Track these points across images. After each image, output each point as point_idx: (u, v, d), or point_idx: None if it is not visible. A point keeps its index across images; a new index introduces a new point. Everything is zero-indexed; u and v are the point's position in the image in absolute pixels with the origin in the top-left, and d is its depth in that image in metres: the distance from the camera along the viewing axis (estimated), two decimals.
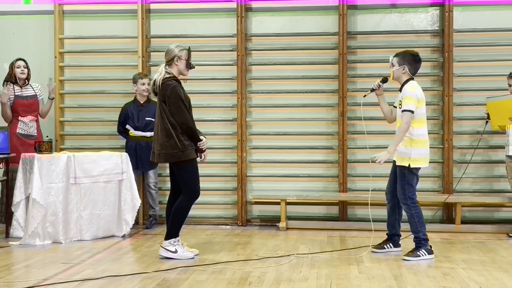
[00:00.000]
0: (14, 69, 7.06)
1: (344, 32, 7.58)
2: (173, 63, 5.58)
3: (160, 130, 5.50)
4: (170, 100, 5.44)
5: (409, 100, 5.65)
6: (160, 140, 5.50)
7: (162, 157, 5.54)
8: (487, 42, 7.49)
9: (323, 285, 4.66)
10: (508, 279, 4.83)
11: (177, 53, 5.57)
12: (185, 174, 5.57)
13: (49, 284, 4.67)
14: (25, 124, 7.08)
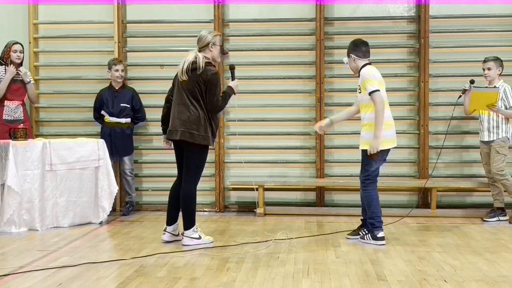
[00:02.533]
0: (10, 52, 6.98)
1: (321, 18, 7.59)
2: (208, 49, 5.54)
3: (192, 109, 5.45)
4: (212, 85, 5.43)
5: (370, 82, 5.68)
6: (191, 117, 5.43)
7: (187, 136, 5.43)
8: (462, 28, 7.55)
9: (300, 270, 4.70)
10: (482, 263, 4.91)
11: (211, 39, 5.53)
12: (198, 159, 5.57)
13: (25, 272, 4.64)
14: (10, 109, 7.02)
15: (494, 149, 6.76)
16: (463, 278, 4.43)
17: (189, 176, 5.59)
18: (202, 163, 5.63)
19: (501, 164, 6.75)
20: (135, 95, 7.51)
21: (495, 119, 6.75)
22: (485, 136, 6.80)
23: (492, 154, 6.77)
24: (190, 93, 5.47)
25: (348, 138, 7.75)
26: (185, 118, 5.45)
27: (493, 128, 6.77)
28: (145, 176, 7.95)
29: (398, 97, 7.67)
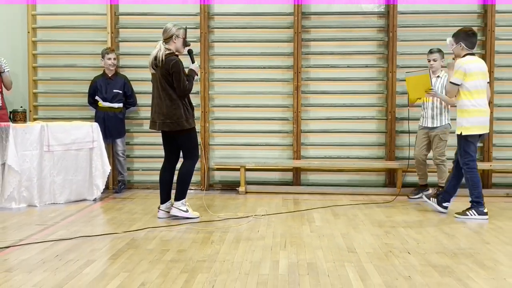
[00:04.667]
0: None
1: (299, 12, 7.57)
2: (171, 41, 5.54)
3: (164, 100, 5.47)
4: (175, 73, 5.42)
5: (457, 73, 5.74)
6: (164, 110, 5.48)
7: (166, 126, 5.51)
8: (427, 24, 7.58)
9: (278, 243, 4.73)
10: (442, 237, 4.97)
11: (174, 32, 5.53)
12: (188, 141, 5.63)
13: (25, 244, 4.62)
14: None
15: (438, 135, 6.80)
16: (425, 250, 4.48)
17: (186, 156, 5.71)
18: (194, 143, 5.70)
19: (443, 150, 6.81)
20: (127, 82, 7.47)
21: (438, 106, 6.76)
22: (429, 122, 6.79)
23: (436, 140, 6.79)
24: (161, 85, 5.50)
25: (322, 124, 7.77)
26: (161, 111, 5.51)
27: (437, 116, 6.77)
28: (136, 157, 7.92)
29: (368, 86, 7.71)
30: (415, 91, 6.61)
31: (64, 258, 4.21)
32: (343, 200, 6.89)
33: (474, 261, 4.18)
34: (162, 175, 5.82)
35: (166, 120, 5.49)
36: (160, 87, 5.49)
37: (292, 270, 3.93)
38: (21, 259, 4.19)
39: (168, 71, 5.43)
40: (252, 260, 4.17)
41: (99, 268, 3.98)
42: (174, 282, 3.65)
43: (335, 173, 7.75)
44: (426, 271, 3.91)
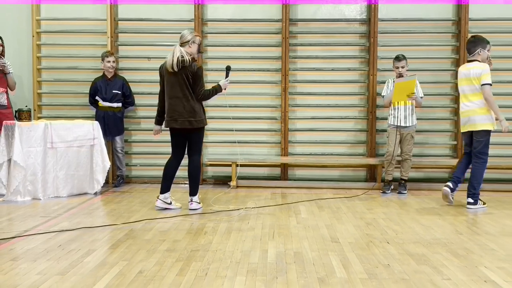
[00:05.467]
0: None
1: (287, 19, 7.57)
2: (187, 46, 5.53)
3: (186, 100, 5.50)
4: (197, 78, 5.51)
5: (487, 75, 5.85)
6: (187, 109, 5.50)
7: (189, 123, 5.53)
8: (405, 30, 7.61)
9: (267, 233, 4.73)
10: (419, 228, 5.00)
11: (191, 38, 5.55)
12: (200, 137, 5.74)
13: (30, 235, 4.60)
14: None
15: (409, 133, 6.90)
16: (403, 240, 4.51)
17: (195, 151, 5.74)
18: (202, 139, 5.82)
19: (412, 146, 6.95)
20: (125, 83, 7.44)
21: (410, 107, 6.88)
22: (402, 122, 6.87)
23: (408, 137, 6.91)
24: (180, 85, 5.50)
25: (308, 123, 7.78)
26: (181, 110, 5.51)
27: (409, 116, 6.89)
28: (134, 153, 7.90)
29: (350, 88, 7.73)
30: (399, 94, 6.74)
31: (66, 248, 4.20)
32: (327, 194, 6.91)
33: (448, 250, 4.21)
34: (169, 169, 5.77)
35: (189, 118, 5.51)
36: (180, 87, 5.50)
37: (279, 259, 3.94)
38: (26, 249, 4.17)
39: (192, 73, 5.48)
40: (243, 250, 4.18)
41: (100, 257, 3.97)
42: (170, 270, 3.65)
43: (320, 168, 7.78)
44: (404, 260, 3.94)
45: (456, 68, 7.53)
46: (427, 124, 7.66)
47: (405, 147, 6.93)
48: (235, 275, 3.54)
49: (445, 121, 7.72)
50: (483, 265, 3.80)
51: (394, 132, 6.92)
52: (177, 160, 5.79)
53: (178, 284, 3.36)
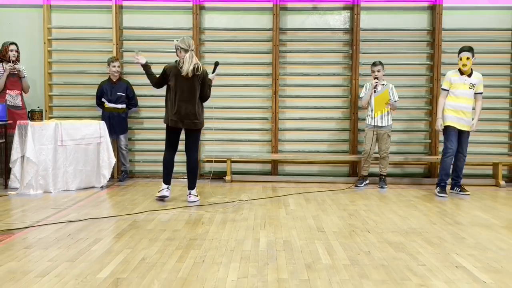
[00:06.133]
0: (7, 51, 6.76)
1: (277, 28, 7.57)
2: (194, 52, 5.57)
3: (194, 104, 5.54)
4: (208, 83, 5.61)
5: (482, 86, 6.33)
6: (193, 111, 5.54)
7: (194, 125, 5.60)
8: (385, 39, 7.63)
9: (259, 223, 4.74)
10: (397, 218, 5.02)
11: (193, 46, 5.58)
12: (199, 136, 5.81)
13: (41, 225, 4.58)
14: (12, 97, 6.83)
15: (386, 133, 6.94)
16: (382, 230, 4.53)
17: (195, 149, 5.75)
18: (200, 138, 5.87)
19: (389, 144, 7.00)
20: (129, 86, 7.42)
21: (386, 109, 6.93)
22: (378, 122, 6.91)
23: (385, 136, 6.94)
24: (192, 90, 5.53)
25: (296, 123, 7.79)
26: (189, 112, 5.54)
27: (385, 116, 6.93)
28: (137, 150, 7.87)
29: (335, 91, 7.74)
30: (379, 105, 6.87)
31: (75, 237, 4.19)
32: (313, 188, 6.93)
33: (423, 238, 4.24)
34: (169, 163, 5.79)
35: (194, 120, 5.56)
36: (189, 91, 5.52)
37: (270, 247, 3.94)
38: (38, 238, 4.15)
39: (203, 80, 5.54)
40: (237, 238, 4.18)
41: (106, 245, 3.96)
42: (170, 257, 3.64)
43: (307, 164, 7.79)
44: (383, 247, 3.95)
45: (431, 74, 7.59)
46: (404, 124, 7.69)
47: (383, 146, 6.96)
48: (230, 262, 3.55)
49: (420, 122, 7.76)
50: (455, 252, 3.83)
51: (371, 131, 6.95)
52: (173, 154, 5.80)
53: (178, 270, 3.36)
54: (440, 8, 7.48)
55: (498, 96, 7.64)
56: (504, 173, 7.52)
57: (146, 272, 3.31)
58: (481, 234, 4.42)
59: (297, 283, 3.14)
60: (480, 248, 3.95)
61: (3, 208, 5.35)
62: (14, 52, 6.81)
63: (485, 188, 7.00)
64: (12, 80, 6.83)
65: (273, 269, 3.40)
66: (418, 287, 3.09)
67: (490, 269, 3.45)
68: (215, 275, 3.27)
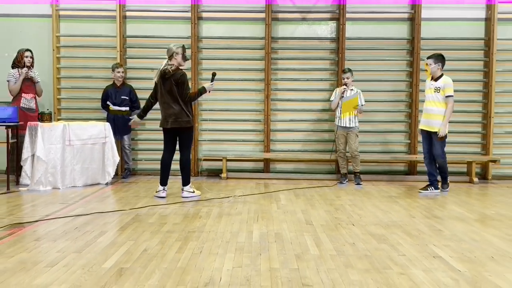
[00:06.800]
0: (23, 57, 6.72)
1: (269, 37, 7.57)
2: (173, 58, 5.51)
3: (174, 104, 5.46)
4: (182, 83, 5.46)
5: (451, 89, 6.00)
6: (175, 112, 5.46)
7: (177, 123, 5.49)
8: (368, 47, 7.65)
9: (252, 217, 4.74)
10: (379, 212, 5.04)
11: (174, 50, 5.51)
12: (190, 136, 5.65)
13: (50, 219, 4.56)
14: (27, 100, 6.79)
15: (354, 133, 6.97)
16: (366, 223, 4.54)
17: (185, 148, 5.67)
18: (192, 137, 5.74)
19: (357, 144, 7.01)
20: (132, 90, 7.39)
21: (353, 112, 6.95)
22: (347, 123, 6.94)
23: (353, 137, 6.96)
24: (169, 93, 5.49)
25: (287, 125, 7.80)
26: (171, 112, 5.49)
27: (353, 118, 6.96)
28: (140, 149, 7.84)
29: (322, 95, 7.74)
30: (347, 108, 6.92)
31: (82, 230, 4.16)
32: (302, 184, 6.93)
33: (403, 231, 4.25)
34: (165, 164, 5.75)
35: (177, 119, 5.48)
36: (169, 94, 5.48)
37: (263, 238, 3.94)
38: (48, 231, 4.13)
39: (176, 81, 5.43)
40: (232, 231, 4.18)
41: (110, 237, 3.94)
42: (170, 248, 3.63)
43: (297, 163, 7.80)
44: (366, 239, 3.96)
45: (410, 79, 7.62)
46: (386, 126, 7.72)
47: (352, 145, 6.96)
48: (225, 252, 3.54)
49: (401, 123, 7.78)
50: (432, 244, 3.85)
51: (340, 133, 7.02)
52: (169, 154, 5.76)
53: (177, 260, 3.35)
54: (419, 19, 7.51)
55: (472, 100, 7.68)
56: (477, 171, 7.56)
57: (148, 262, 3.30)
58: (456, 226, 4.44)
59: (287, 272, 3.14)
60: (456, 240, 3.97)
61: (14, 203, 5.32)
62: (29, 58, 6.78)
63: (460, 185, 7.04)
64: (26, 84, 6.79)
65: (265, 259, 3.40)
66: (398, 275, 3.10)
67: (464, 258, 3.47)
68: (212, 264, 3.27)
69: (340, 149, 7.04)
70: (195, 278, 3.01)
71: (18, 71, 6.73)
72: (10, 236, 3.95)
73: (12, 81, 6.70)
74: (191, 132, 5.68)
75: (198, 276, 3.04)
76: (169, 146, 5.75)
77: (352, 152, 6.98)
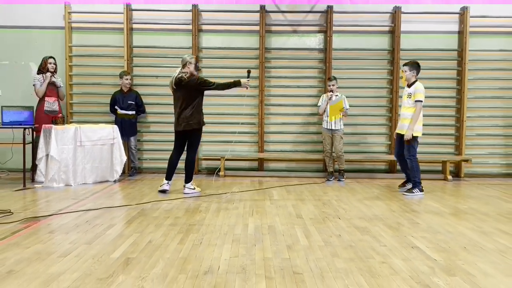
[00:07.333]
0: (47, 64, 6.71)
1: (263, 48, 7.58)
2: (186, 67, 5.50)
3: (187, 108, 5.46)
4: (201, 83, 5.47)
5: (420, 95, 5.73)
6: (187, 114, 5.46)
7: (189, 126, 5.49)
8: (353, 57, 7.66)
9: (247, 211, 4.74)
10: (363, 207, 5.05)
11: (188, 59, 5.51)
12: (198, 138, 5.65)
13: (63, 213, 4.54)
14: (50, 103, 6.78)
15: (339, 135, 6.98)
16: (351, 216, 4.55)
17: (192, 149, 5.66)
18: (199, 139, 5.74)
19: (342, 145, 7.02)
20: (138, 96, 7.37)
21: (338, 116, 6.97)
22: (333, 126, 6.96)
23: (338, 138, 6.98)
24: (183, 97, 5.49)
25: (279, 127, 7.80)
26: (184, 116, 5.50)
27: (338, 121, 6.99)
28: (145, 150, 7.81)
29: (310, 101, 7.75)
30: (334, 112, 6.93)
31: (92, 223, 4.15)
32: (293, 181, 6.94)
33: (384, 223, 4.27)
34: (172, 162, 5.74)
35: (188, 121, 5.48)
36: (182, 99, 5.48)
37: (257, 231, 3.95)
38: (61, 224, 4.11)
39: (193, 85, 5.43)
40: (229, 224, 4.18)
41: (118, 230, 3.93)
42: (173, 240, 3.63)
43: (288, 162, 7.80)
44: (351, 231, 3.98)
45: (391, 86, 7.65)
46: (369, 129, 7.74)
47: (337, 146, 6.98)
48: (223, 243, 3.54)
49: (381, 126, 7.80)
50: (411, 235, 3.86)
51: (326, 134, 7.04)
52: (178, 154, 5.76)
53: (179, 251, 3.35)
54: (399, 32, 7.55)
55: (447, 105, 7.73)
56: (451, 169, 7.60)
57: (152, 253, 3.30)
58: (432, 220, 4.46)
59: (279, 261, 3.14)
60: (432, 232, 3.99)
61: (30, 199, 5.29)
62: (52, 64, 6.79)
63: (435, 182, 7.07)
64: (50, 88, 6.79)
65: (259, 249, 3.40)
66: (380, 264, 3.11)
67: (439, 248, 3.49)
68: (211, 255, 3.27)
69: (327, 149, 7.07)
70: (195, 267, 3.01)
71: (43, 76, 6.73)
72: (26, 229, 3.93)
73: (37, 85, 6.71)
74: (200, 133, 5.67)
75: (198, 265, 3.04)
76: (178, 147, 5.75)
77: (337, 152, 7.00)
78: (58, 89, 6.91)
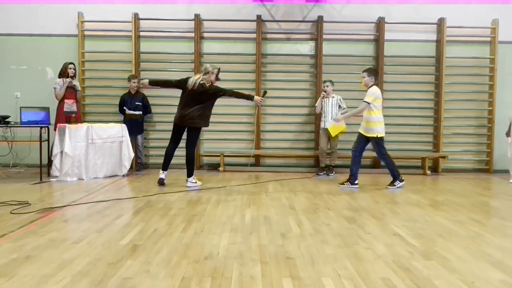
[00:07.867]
0: (67, 69, 6.70)
1: (259, 53, 7.57)
2: (208, 75, 5.50)
3: (197, 108, 5.46)
4: (214, 90, 5.49)
5: (369, 97, 5.60)
6: (194, 114, 5.46)
7: (194, 124, 5.50)
8: (341, 63, 7.66)
9: (245, 203, 4.74)
10: (349, 198, 5.05)
11: (211, 70, 5.52)
12: (196, 135, 5.64)
13: (76, 204, 4.53)
14: (69, 105, 6.78)
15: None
16: (339, 207, 4.56)
17: (192, 146, 5.63)
18: (198, 136, 5.76)
19: (337, 143, 7.04)
20: (144, 97, 7.36)
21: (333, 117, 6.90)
22: (327, 124, 6.95)
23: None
24: (196, 98, 5.48)
25: (274, 126, 7.80)
26: (192, 115, 5.48)
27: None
28: (151, 147, 7.80)
29: (303, 102, 7.76)
30: (334, 131, 6.94)
31: (102, 213, 4.14)
32: (287, 176, 6.94)
33: (369, 214, 4.28)
34: (169, 152, 5.74)
35: (195, 120, 5.48)
36: (195, 99, 5.47)
37: (254, 221, 3.95)
38: (74, 214, 4.11)
39: (209, 92, 5.45)
40: (228, 214, 4.18)
41: (126, 219, 3.93)
42: (176, 229, 3.63)
43: (283, 158, 7.81)
44: (340, 221, 3.99)
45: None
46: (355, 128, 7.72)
47: (332, 143, 7.02)
48: (222, 232, 3.54)
49: None
50: (393, 224, 3.88)
51: (323, 133, 7.02)
52: (173, 146, 5.75)
53: (182, 238, 3.35)
54: (383, 40, 7.56)
55: (426, 107, 7.75)
56: (430, 165, 7.62)
57: (157, 240, 3.30)
58: (412, 210, 4.48)
59: (274, 247, 3.15)
60: (412, 221, 4.01)
61: (46, 191, 5.28)
62: (72, 69, 6.78)
63: (415, 177, 7.09)
64: (69, 91, 6.78)
65: (255, 237, 3.41)
66: (365, 249, 3.12)
67: (418, 236, 3.50)
68: (211, 242, 3.27)
69: (322, 146, 7.05)
70: (197, 252, 3.01)
71: (63, 80, 6.73)
72: (42, 218, 3.92)
73: (57, 88, 6.72)
74: (199, 131, 5.68)
75: (199, 251, 3.04)
76: (175, 140, 5.75)
77: (332, 148, 7.01)
78: (76, 92, 6.90)
